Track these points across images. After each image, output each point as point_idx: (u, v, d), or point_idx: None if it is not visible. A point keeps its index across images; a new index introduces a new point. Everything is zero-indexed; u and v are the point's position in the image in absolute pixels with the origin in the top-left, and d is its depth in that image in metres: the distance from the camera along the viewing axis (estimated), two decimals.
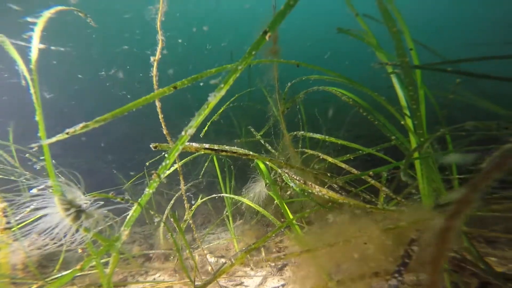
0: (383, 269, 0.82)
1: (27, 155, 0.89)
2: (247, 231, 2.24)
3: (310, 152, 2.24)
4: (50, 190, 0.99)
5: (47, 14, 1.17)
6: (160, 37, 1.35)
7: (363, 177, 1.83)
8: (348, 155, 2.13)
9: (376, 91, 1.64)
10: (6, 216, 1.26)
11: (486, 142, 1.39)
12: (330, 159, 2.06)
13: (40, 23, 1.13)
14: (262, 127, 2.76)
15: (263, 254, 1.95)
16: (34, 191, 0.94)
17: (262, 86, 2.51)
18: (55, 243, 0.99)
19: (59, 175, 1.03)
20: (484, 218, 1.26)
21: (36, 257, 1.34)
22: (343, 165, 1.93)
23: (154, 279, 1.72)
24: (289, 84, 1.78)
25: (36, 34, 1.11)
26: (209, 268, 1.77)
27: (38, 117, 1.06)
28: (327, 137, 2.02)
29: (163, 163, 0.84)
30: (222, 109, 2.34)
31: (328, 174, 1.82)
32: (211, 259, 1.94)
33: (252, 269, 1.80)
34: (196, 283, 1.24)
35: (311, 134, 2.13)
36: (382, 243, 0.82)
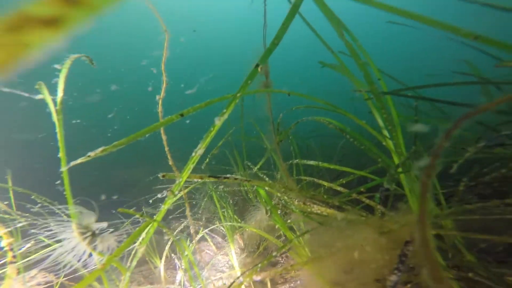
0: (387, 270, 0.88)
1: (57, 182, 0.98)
2: (249, 264, 2.20)
3: (307, 179, 2.36)
4: (68, 216, 1.06)
5: (69, 62, 1.36)
6: (164, 78, 1.58)
7: (358, 197, 1.93)
8: (341, 179, 2.25)
9: (362, 117, 1.86)
10: (12, 249, 1.27)
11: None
12: (325, 183, 2.18)
13: (64, 70, 1.32)
14: (259, 160, 2.91)
15: (269, 285, 1.90)
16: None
17: (254, 121, 2.73)
18: (65, 272, 1.03)
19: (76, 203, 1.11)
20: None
21: None
22: (339, 188, 2.04)
23: None
24: (281, 114, 1.98)
25: (61, 80, 1.29)
26: None
27: (61, 154, 1.18)
28: (320, 163, 2.17)
29: (177, 182, 0.96)
30: (221, 142, 2.50)
31: (325, 196, 1.91)
32: None
33: None
34: None
35: (305, 162, 2.27)
36: (378, 244, 0.91)
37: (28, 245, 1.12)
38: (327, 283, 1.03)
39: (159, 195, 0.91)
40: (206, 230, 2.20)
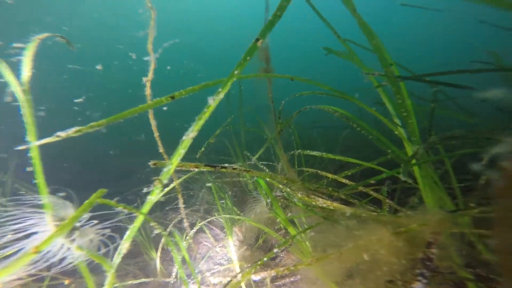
0: (398, 273, 0.78)
1: (27, 168, 0.86)
2: (248, 257, 2.11)
3: (310, 170, 2.24)
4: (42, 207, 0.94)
5: (36, 40, 1.19)
6: (152, 58, 1.43)
7: (365, 190, 1.82)
8: (346, 171, 2.14)
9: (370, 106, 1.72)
10: None
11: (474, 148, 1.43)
12: (329, 175, 2.06)
13: (30, 48, 1.15)
14: (259, 151, 2.79)
15: (268, 281, 1.82)
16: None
17: (254, 109, 2.59)
18: (38, 267, 0.92)
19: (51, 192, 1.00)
20: None
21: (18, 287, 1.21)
22: (343, 180, 1.93)
23: None
24: (283, 102, 1.85)
25: (28, 59, 1.12)
26: None
27: (30, 138, 1.05)
28: (324, 153, 2.04)
29: (165, 169, 0.84)
30: (219, 131, 2.37)
31: (330, 189, 1.80)
32: (215, 280, 1.79)
33: None
34: None
35: (308, 152, 2.15)
36: (393, 246, 0.79)
37: (4, 238, 1.00)
38: (333, 285, 0.92)
39: (145, 189, 0.79)
40: (204, 222, 2.10)
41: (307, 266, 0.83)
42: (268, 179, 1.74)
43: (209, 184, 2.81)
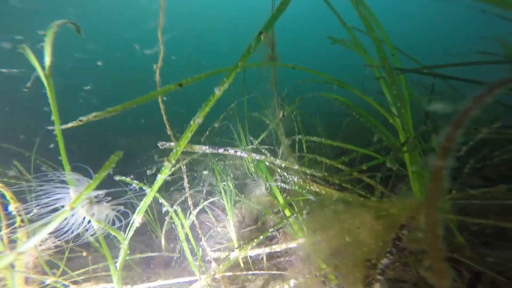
0: (374, 253, 0.88)
1: (51, 145, 0.95)
2: (247, 237, 2.26)
3: (309, 156, 2.33)
4: (65, 182, 1.05)
5: (55, 26, 1.25)
6: (161, 46, 1.47)
7: (359, 177, 1.91)
8: (343, 157, 2.22)
9: (371, 95, 1.77)
10: (19, 214, 1.30)
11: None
12: (327, 160, 2.15)
13: (49, 35, 1.21)
14: (261, 135, 2.86)
15: (264, 259, 1.97)
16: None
17: (259, 94, 2.63)
18: (66, 238, 1.04)
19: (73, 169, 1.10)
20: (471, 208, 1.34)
21: (47, 256, 1.36)
22: (340, 166, 2.02)
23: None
24: (285, 89, 1.90)
25: (48, 45, 1.19)
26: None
27: (54, 117, 1.14)
28: (323, 139, 2.12)
29: (174, 151, 0.93)
30: (222, 116, 2.44)
31: (326, 174, 1.89)
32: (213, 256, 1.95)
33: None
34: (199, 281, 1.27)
35: (308, 138, 2.22)
36: (374, 229, 0.89)
37: (35, 210, 1.12)
38: (322, 261, 1.04)
39: (148, 171, 0.88)
40: (206, 203, 2.23)
41: (297, 244, 0.94)
42: (267, 163, 1.83)
43: (205, 172, 2.92)
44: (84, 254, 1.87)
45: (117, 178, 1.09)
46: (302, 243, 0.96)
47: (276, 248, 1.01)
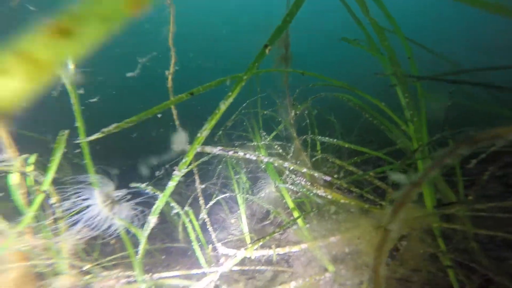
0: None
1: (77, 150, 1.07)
2: (258, 230, 2.36)
3: (320, 155, 2.33)
4: (90, 184, 1.17)
5: None
6: (172, 53, 1.53)
7: (370, 179, 1.89)
8: (356, 158, 2.20)
9: (388, 95, 1.71)
10: (57, 207, 1.47)
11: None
12: (338, 161, 2.14)
13: None
14: (275, 130, 2.88)
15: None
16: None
17: (272, 92, 2.64)
18: (96, 230, 1.17)
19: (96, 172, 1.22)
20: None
21: (82, 245, 1.55)
22: (351, 168, 2.01)
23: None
24: (297, 90, 1.89)
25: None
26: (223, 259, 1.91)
27: (78, 124, 1.26)
28: (335, 140, 2.10)
29: (183, 160, 1.00)
30: (234, 116, 2.49)
31: (335, 176, 1.90)
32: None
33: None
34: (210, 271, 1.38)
35: (319, 138, 2.22)
36: (373, 240, 0.91)
37: (67, 203, 1.26)
38: (325, 264, 1.08)
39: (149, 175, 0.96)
40: (220, 197, 2.34)
41: (300, 249, 0.99)
42: (276, 164, 1.87)
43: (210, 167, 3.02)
44: (113, 242, 2.07)
45: (132, 184, 1.19)
46: (304, 248, 1.01)
47: (280, 251, 1.07)
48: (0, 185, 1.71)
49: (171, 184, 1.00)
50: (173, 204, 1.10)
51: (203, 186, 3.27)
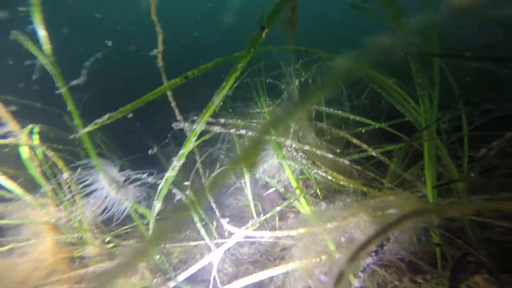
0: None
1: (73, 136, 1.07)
2: (262, 198, 2.48)
3: (324, 126, 2.28)
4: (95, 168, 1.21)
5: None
6: (158, 29, 1.38)
7: (374, 154, 1.88)
8: (360, 128, 2.15)
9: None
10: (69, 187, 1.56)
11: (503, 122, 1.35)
12: (342, 133, 2.10)
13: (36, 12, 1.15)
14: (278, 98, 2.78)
15: (277, 221, 2.20)
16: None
17: (277, 57, 2.46)
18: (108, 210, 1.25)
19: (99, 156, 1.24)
20: None
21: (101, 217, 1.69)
22: (354, 140, 1.98)
23: (186, 235, 2.09)
24: (300, 60, 1.76)
25: (39, 25, 1.15)
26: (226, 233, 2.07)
27: (70, 108, 1.22)
28: (339, 112, 2.03)
29: (180, 152, 1.00)
30: (237, 83, 2.38)
31: (338, 150, 1.89)
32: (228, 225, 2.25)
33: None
34: (214, 242, 1.51)
35: (321, 108, 2.14)
36: (368, 227, 0.95)
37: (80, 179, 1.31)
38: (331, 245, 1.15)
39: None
40: (220, 169, 2.40)
41: (298, 234, 1.05)
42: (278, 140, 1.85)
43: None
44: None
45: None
46: (302, 233, 1.07)
47: (279, 234, 1.14)
48: (13, 159, 1.79)
49: (171, 174, 1.02)
50: (175, 191, 1.15)
51: (209, 150, 3.35)
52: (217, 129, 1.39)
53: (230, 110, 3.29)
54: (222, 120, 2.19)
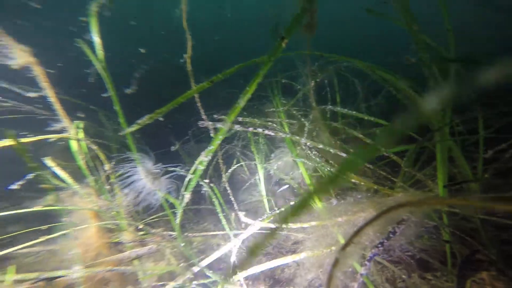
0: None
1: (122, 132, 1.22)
2: (276, 192, 2.59)
3: (339, 126, 2.34)
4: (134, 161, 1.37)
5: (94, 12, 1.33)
6: (188, 35, 1.50)
7: (387, 154, 1.92)
8: (375, 128, 2.19)
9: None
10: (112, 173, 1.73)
11: None
12: (355, 132, 2.16)
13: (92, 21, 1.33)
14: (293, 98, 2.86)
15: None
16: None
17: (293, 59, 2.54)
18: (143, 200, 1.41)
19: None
20: None
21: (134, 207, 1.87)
22: (368, 140, 2.03)
23: (204, 226, 2.25)
24: (316, 63, 1.83)
25: (95, 33, 1.33)
26: (243, 225, 2.21)
27: (116, 107, 1.38)
28: (354, 111, 2.08)
29: (209, 148, 1.12)
30: (253, 87, 2.48)
31: (351, 150, 1.95)
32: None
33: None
34: (234, 232, 1.63)
35: (336, 109, 2.20)
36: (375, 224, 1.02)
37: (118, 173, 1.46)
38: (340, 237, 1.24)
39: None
40: (239, 164, 2.52)
41: (310, 225, 1.15)
42: (292, 138, 1.94)
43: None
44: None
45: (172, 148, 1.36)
46: (314, 225, 1.17)
47: (292, 226, 1.24)
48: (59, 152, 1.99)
49: (199, 168, 1.15)
50: (202, 182, 1.28)
51: (226, 147, 3.50)
52: (237, 127, 1.51)
53: (246, 109, 3.41)
54: (239, 119, 2.31)
